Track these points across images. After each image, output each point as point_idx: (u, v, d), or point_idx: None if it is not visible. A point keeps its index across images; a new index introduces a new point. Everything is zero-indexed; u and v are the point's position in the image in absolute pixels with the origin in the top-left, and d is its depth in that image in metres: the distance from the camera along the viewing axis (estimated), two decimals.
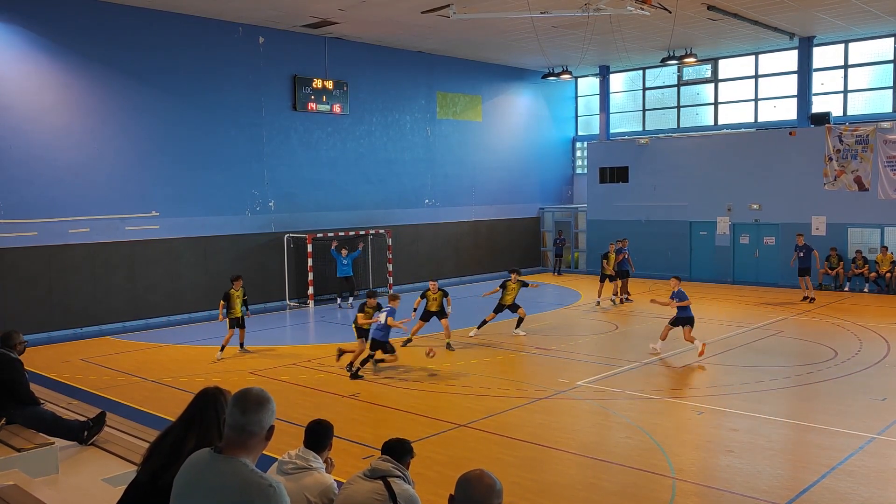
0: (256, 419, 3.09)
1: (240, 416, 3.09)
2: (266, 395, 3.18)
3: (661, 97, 29.21)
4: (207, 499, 3.03)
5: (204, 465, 3.11)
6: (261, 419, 3.10)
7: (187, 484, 3.14)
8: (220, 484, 3.01)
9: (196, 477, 3.11)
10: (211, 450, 3.14)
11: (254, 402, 3.12)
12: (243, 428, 3.08)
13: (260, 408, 3.11)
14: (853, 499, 7.54)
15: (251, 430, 3.09)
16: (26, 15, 16.91)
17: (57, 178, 17.45)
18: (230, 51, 20.46)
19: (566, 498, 7.75)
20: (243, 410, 3.10)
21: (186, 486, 3.13)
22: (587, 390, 11.92)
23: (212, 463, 3.08)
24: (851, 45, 24.49)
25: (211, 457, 3.11)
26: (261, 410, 3.11)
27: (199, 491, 3.07)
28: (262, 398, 3.14)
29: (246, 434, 3.08)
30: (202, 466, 3.11)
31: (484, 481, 3.05)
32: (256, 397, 3.14)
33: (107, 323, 18.33)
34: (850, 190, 23.04)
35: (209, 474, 3.06)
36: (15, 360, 7.12)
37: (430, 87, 25.95)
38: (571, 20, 20.21)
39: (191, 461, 3.20)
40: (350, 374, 12.81)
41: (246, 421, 3.08)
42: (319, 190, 22.70)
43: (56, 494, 5.79)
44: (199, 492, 3.07)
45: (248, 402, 3.12)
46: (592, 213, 28.96)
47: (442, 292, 15.48)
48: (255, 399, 3.13)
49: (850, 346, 14.65)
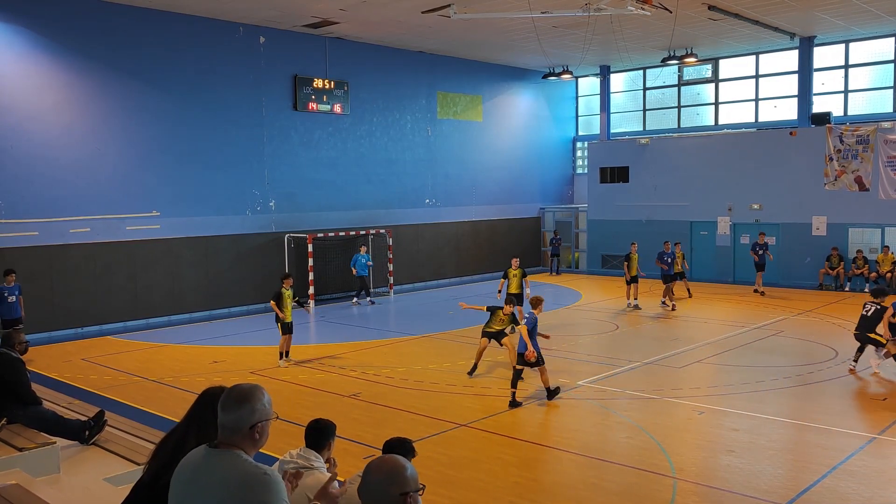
0: (235, 417, 3.08)
1: (221, 413, 3.12)
2: (250, 393, 3.13)
3: (661, 97, 29.21)
4: (205, 491, 3.04)
5: (200, 460, 3.12)
6: (240, 416, 3.08)
7: (184, 479, 3.15)
8: (217, 476, 3.02)
9: (193, 471, 3.12)
10: (207, 445, 3.15)
11: (233, 400, 3.12)
12: (224, 425, 3.10)
13: (239, 406, 3.09)
14: (854, 499, 7.55)
15: (231, 427, 3.09)
16: (27, 15, 16.91)
17: (58, 177, 17.46)
18: (231, 51, 20.47)
19: (567, 498, 7.76)
20: (223, 407, 3.12)
21: (184, 482, 3.14)
22: (588, 390, 11.92)
23: (207, 457, 3.10)
24: (852, 45, 24.48)
25: (206, 452, 3.12)
26: (239, 408, 3.09)
27: (196, 485, 3.08)
28: (243, 396, 3.12)
29: (227, 431, 3.09)
30: (198, 461, 3.12)
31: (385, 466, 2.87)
32: (237, 395, 3.12)
33: (107, 323, 18.33)
34: (851, 190, 23.03)
35: (205, 468, 3.07)
36: (16, 360, 7.13)
37: (431, 86, 25.95)
38: (572, 20, 20.21)
39: (188, 458, 3.21)
40: (510, 403, 11.08)
41: (225, 419, 3.10)
42: (320, 190, 22.71)
43: (57, 494, 5.79)
44: (196, 485, 3.08)
45: (228, 399, 3.12)
46: (593, 213, 28.96)
47: (521, 271, 15.80)
48: (235, 397, 3.12)
49: (850, 346, 14.63)
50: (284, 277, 14.45)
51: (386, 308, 21.78)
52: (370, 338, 16.90)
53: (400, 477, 2.82)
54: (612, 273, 27.23)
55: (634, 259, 20.23)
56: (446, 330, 17.07)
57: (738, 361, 13.74)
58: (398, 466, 2.86)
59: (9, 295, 14.84)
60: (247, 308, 20.66)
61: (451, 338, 16.32)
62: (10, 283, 14.91)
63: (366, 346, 16.00)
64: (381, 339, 16.70)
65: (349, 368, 13.66)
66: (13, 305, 14.86)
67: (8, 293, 14.84)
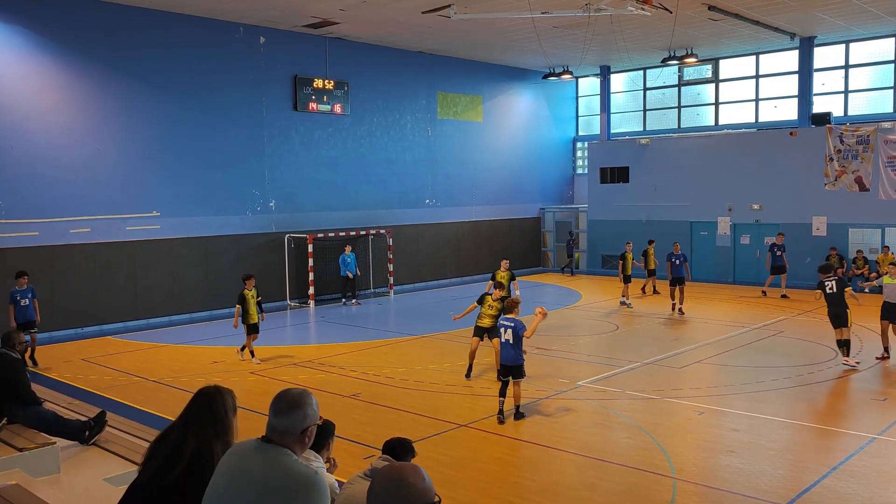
0: (288, 421, 3.23)
1: (272, 416, 3.26)
2: (301, 398, 3.30)
3: (661, 97, 29.20)
4: (256, 482, 3.11)
5: (253, 452, 3.22)
6: (292, 422, 3.23)
7: (230, 469, 3.25)
8: (269, 469, 3.12)
9: (239, 462, 3.23)
10: (258, 439, 3.26)
11: (286, 406, 3.27)
12: (274, 428, 3.24)
13: (291, 411, 3.25)
14: (854, 499, 7.54)
15: (282, 430, 3.22)
16: (28, 15, 16.92)
17: (58, 177, 17.46)
18: (231, 51, 20.47)
19: (567, 498, 7.76)
20: (275, 412, 3.26)
21: (230, 472, 3.25)
22: (588, 390, 11.92)
23: (260, 451, 3.20)
24: (852, 45, 24.47)
25: (259, 445, 3.23)
26: (292, 413, 3.24)
27: (243, 476, 3.17)
28: (295, 402, 3.28)
29: (278, 433, 3.23)
30: (251, 453, 3.22)
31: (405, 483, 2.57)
32: (290, 401, 3.29)
33: (108, 323, 18.33)
34: (851, 190, 23.03)
35: (258, 461, 3.16)
36: (16, 360, 7.13)
37: (431, 87, 25.95)
38: (572, 20, 20.21)
39: (236, 448, 3.34)
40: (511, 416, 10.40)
41: (276, 422, 3.24)
42: (320, 190, 22.71)
43: (58, 494, 5.79)
44: (243, 477, 3.16)
45: (281, 404, 3.28)
46: (593, 213, 28.95)
47: (510, 273, 15.49)
48: (287, 402, 3.28)
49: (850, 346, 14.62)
50: (247, 278, 14.37)
51: (386, 308, 21.78)
52: (370, 338, 16.90)
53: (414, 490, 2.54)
54: (612, 273, 27.13)
55: (629, 258, 20.83)
56: (446, 330, 17.07)
57: (739, 362, 13.73)
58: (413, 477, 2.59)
59: (21, 298, 13.93)
60: None
61: (452, 338, 16.32)
62: (22, 285, 13.99)
63: (366, 346, 16.00)
64: (381, 339, 16.70)
65: (349, 368, 13.66)
66: (27, 309, 13.95)
67: (21, 296, 13.93)
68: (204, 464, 3.63)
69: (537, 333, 11.23)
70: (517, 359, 10.26)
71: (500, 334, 10.48)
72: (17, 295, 13.97)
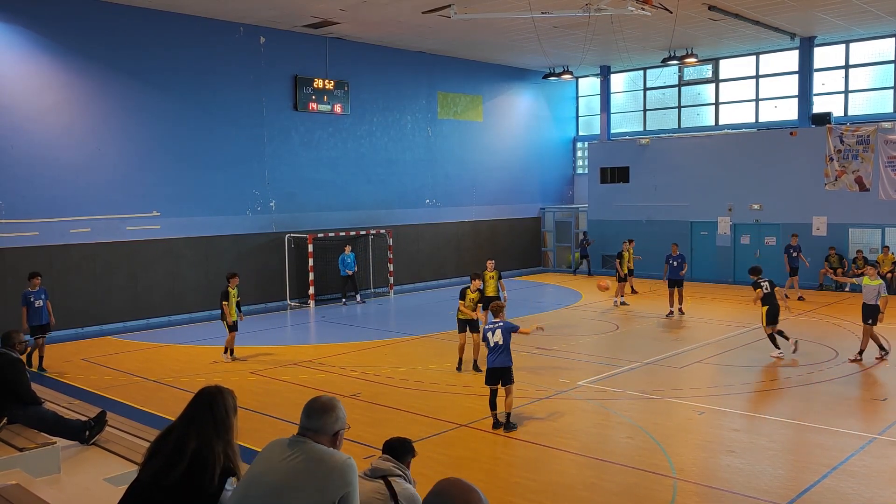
0: (319, 424, 3.57)
1: (304, 418, 3.60)
2: (330, 404, 3.64)
3: (661, 97, 29.20)
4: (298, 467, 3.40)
5: (287, 443, 3.53)
6: (322, 425, 3.57)
7: (270, 454, 3.52)
8: (306, 451, 3.45)
9: (274, 452, 3.51)
10: (295, 435, 3.56)
11: (318, 411, 3.61)
12: (307, 429, 3.57)
13: (324, 414, 3.59)
14: (854, 499, 7.54)
15: (315, 431, 3.55)
16: (28, 15, 16.92)
17: (58, 177, 17.46)
18: (231, 51, 20.47)
19: (567, 498, 7.76)
20: (307, 415, 3.60)
21: (266, 460, 3.51)
22: (588, 390, 11.92)
23: (298, 443, 3.51)
24: (852, 45, 24.47)
25: (296, 438, 3.54)
26: (324, 416, 3.59)
27: (280, 464, 3.43)
28: (326, 407, 3.62)
29: (310, 433, 3.55)
30: (286, 444, 3.52)
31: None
32: (321, 406, 3.63)
33: (108, 323, 18.34)
34: (851, 190, 23.03)
35: (287, 451, 3.48)
36: (16, 360, 7.12)
37: (431, 87, 25.95)
38: (572, 20, 20.21)
39: (272, 442, 3.62)
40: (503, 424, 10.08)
41: (309, 424, 3.57)
42: (320, 190, 22.71)
43: (58, 494, 5.79)
44: (280, 465, 3.43)
45: (313, 408, 3.62)
46: (593, 213, 28.95)
47: (497, 273, 15.50)
48: (319, 407, 3.62)
49: (850, 346, 14.63)
50: (230, 276, 14.41)
51: (386, 308, 21.79)
52: (370, 338, 16.90)
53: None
54: (612, 273, 27.10)
55: (626, 257, 20.98)
56: (446, 330, 17.06)
57: (739, 362, 13.74)
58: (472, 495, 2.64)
59: (35, 299, 13.70)
60: (247, 308, 20.53)
61: (452, 338, 16.27)
62: (35, 286, 13.76)
63: (366, 346, 16.00)
64: (381, 339, 16.70)
65: (349, 368, 13.66)
66: (41, 311, 13.75)
67: (34, 297, 13.70)
68: (204, 464, 3.63)
69: (536, 332, 11.18)
70: (506, 361, 9.93)
71: (486, 340, 10.05)
72: (31, 296, 13.76)
